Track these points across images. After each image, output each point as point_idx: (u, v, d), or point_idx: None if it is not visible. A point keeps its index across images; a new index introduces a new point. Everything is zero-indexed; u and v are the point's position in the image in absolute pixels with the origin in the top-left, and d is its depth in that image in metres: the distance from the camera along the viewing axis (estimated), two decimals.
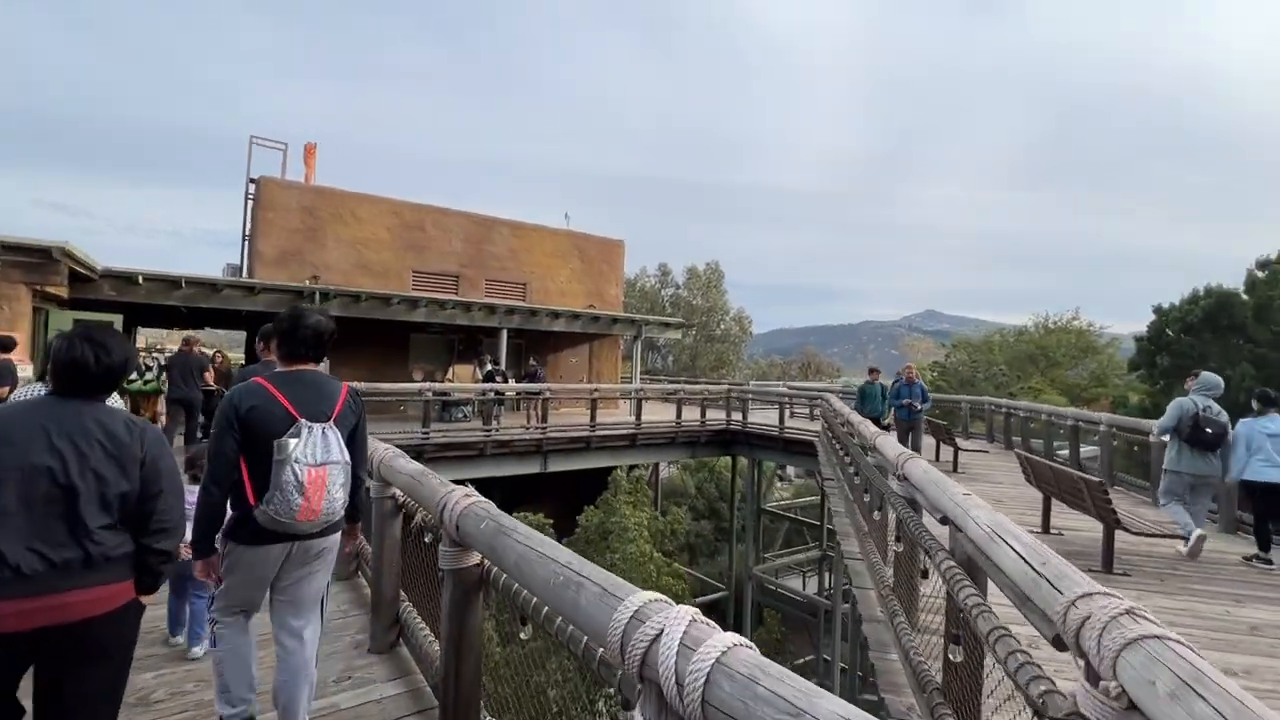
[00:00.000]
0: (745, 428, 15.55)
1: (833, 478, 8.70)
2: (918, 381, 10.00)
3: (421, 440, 11.41)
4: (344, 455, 2.35)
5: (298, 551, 2.33)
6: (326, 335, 2.50)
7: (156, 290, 11.88)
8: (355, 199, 16.52)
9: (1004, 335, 45.27)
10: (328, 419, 2.34)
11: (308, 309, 2.56)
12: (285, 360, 2.46)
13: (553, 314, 16.67)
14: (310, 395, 2.35)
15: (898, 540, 3.55)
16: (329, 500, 2.26)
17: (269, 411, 2.24)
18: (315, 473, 2.21)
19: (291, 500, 2.16)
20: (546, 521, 10.25)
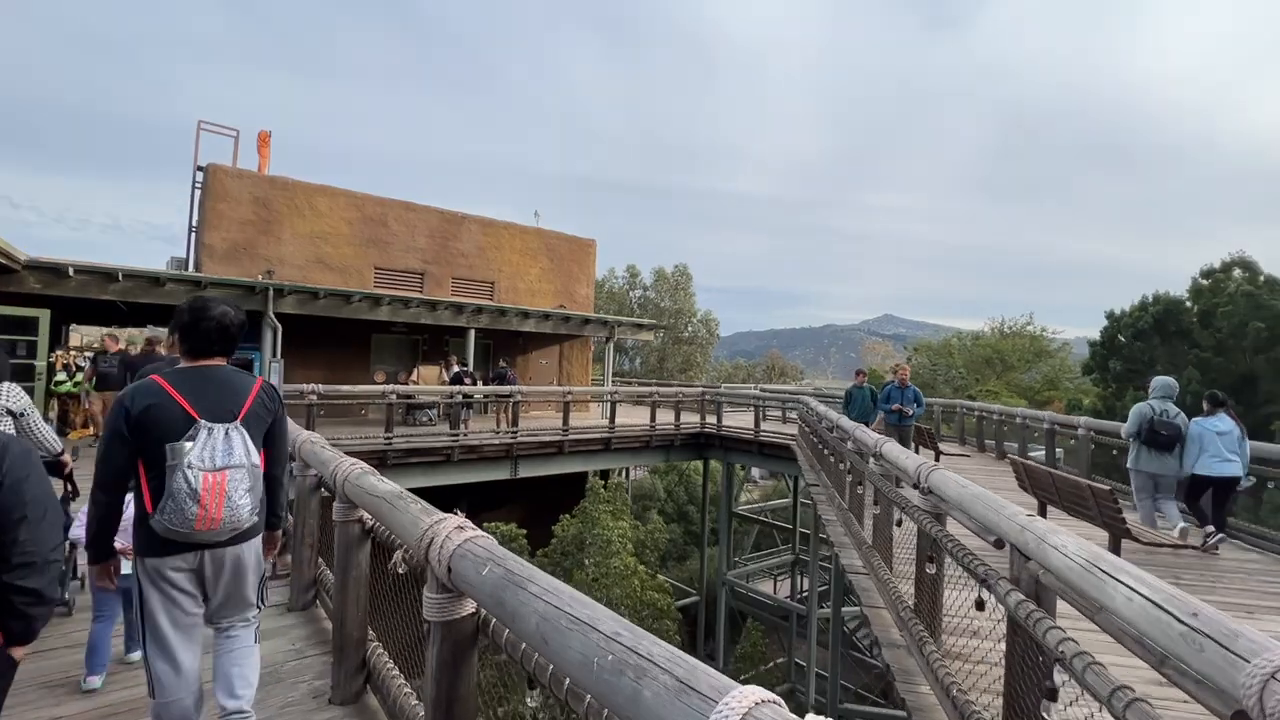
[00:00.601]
0: (720, 431, 15.30)
1: (818, 484, 8.47)
2: (910, 385, 9.34)
3: (384, 446, 10.75)
4: (250, 458, 2.16)
5: (211, 561, 2.15)
6: (235, 328, 2.30)
7: (90, 284, 10.90)
8: (313, 190, 15.66)
9: (961, 339, 46.61)
10: (234, 418, 2.17)
11: (212, 299, 2.33)
12: (188, 357, 2.25)
13: (522, 314, 16.11)
14: (214, 393, 2.18)
15: (930, 560, 3.24)
16: (231, 508, 2.08)
17: (166, 412, 2.07)
18: (213, 478, 2.05)
19: (186, 508, 2.00)
20: (520, 532, 9.73)
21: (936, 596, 3.40)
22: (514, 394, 12.43)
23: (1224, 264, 25.48)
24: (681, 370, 47.83)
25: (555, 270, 19.95)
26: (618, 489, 9.90)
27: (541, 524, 17.83)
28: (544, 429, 13.21)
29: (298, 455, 3.79)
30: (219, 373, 2.26)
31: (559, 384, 19.75)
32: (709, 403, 15.81)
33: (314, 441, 3.60)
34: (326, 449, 3.36)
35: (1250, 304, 22.95)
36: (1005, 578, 2.33)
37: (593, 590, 7.30)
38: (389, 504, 2.25)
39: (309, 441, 3.65)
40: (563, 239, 20.26)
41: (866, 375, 10.06)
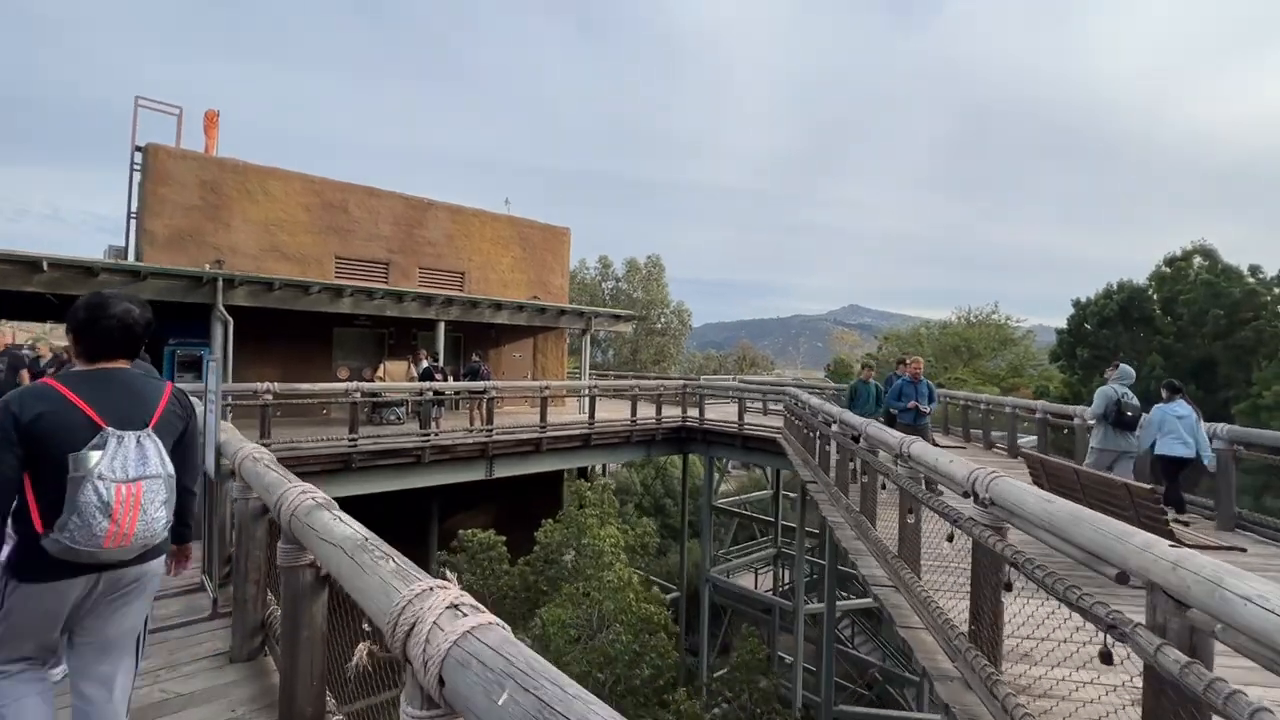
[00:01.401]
0: (703, 424, 14.85)
1: (815, 481, 8.05)
2: (924, 379, 8.05)
3: (349, 448, 9.97)
4: (166, 467, 2.00)
5: (105, 585, 1.95)
6: (139, 329, 2.09)
7: (9, 275, 9.79)
8: (266, 173, 14.57)
9: (929, 328, 47.35)
10: (145, 425, 2.00)
11: (113, 294, 2.09)
12: (85, 359, 2.04)
13: (495, 305, 15.35)
14: (120, 398, 1.99)
15: (1008, 588, 2.77)
16: (145, 521, 1.91)
17: (62, 418, 1.87)
18: (127, 490, 1.88)
19: (94, 524, 1.82)
20: (499, 539, 9.10)
21: (998, 618, 2.96)
22: (488, 390, 11.73)
23: (1185, 252, 26.06)
24: (655, 362, 47.54)
25: (528, 260, 19.17)
26: (604, 490, 9.34)
27: (517, 526, 17.15)
28: (520, 426, 12.55)
29: (238, 473, 3.14)
30: (124, 376, 2.06)
31: (533, 378, 19.04)
32: (690, 396, 15.33)
33: (256, 459, 2.95)
34: (272, 469, 2.72)
35: (1209, 292, 23.51)
36: (1142, 624, 1.85)
37: (584, 606, 6.78)
38: (349, 557, 1.65)
39: (251, 458, 2.99)
40: (536, 227, 19.48)
41: (874, 370, 8.95)
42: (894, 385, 8.26)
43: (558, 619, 6.34)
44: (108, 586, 1.96)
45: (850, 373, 49.58)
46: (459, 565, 8.87)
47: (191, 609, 3.86)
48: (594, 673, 6.11)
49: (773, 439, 13.08)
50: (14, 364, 6.19)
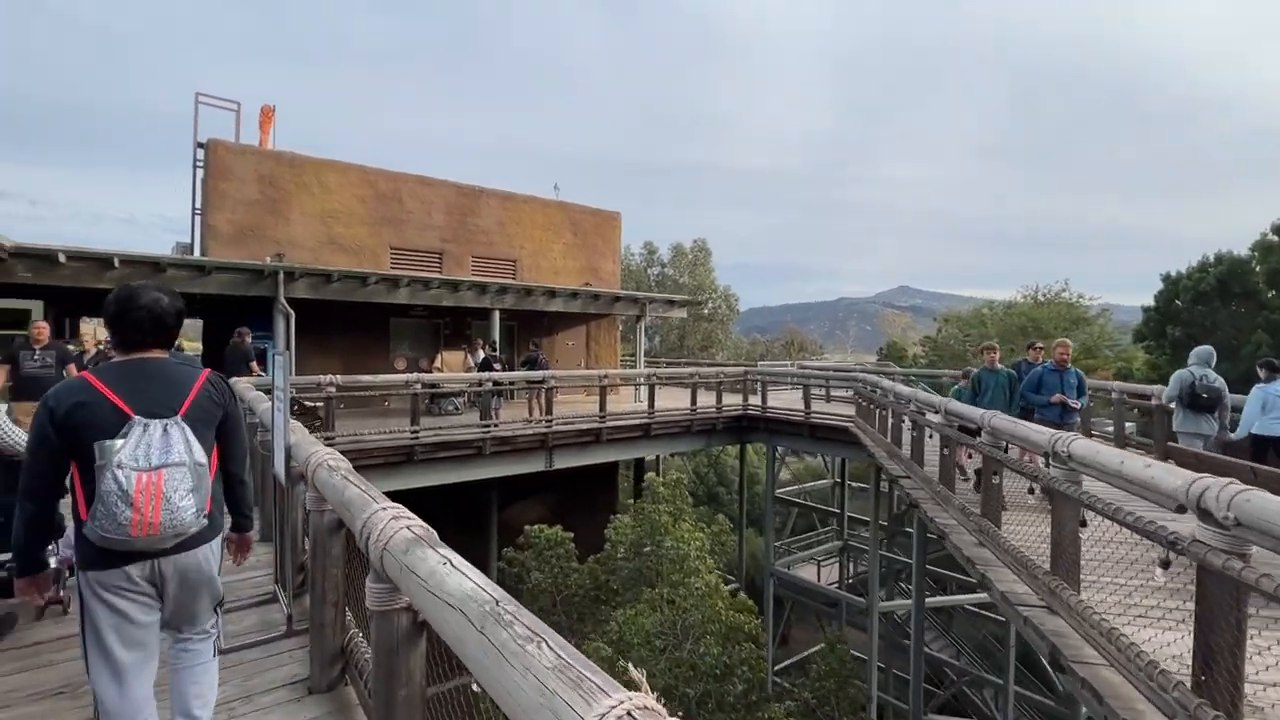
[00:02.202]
0: (765, 413, 14.20)
1: (909, 477, 7.36)
2: (1071, 367, 6.45)
3: (411, 440, 9.80)
4: (193, 455, 1.97)
5: (163, 568, 2.00)
6: (170, 318, 2.11)
7: (84, 272, 9.97)
8: (322, 166, 14.58)
9: (993, 309, 44.95)
10: (174, 413, 1.99)
11: (143, 285, 2.12)
12: (120, 349, 2.08)
13: (549, 293, 15.03)
14: (151, 387, 2.01)
15: None
16: (169, 510, 1.89)
17: (94, 410, 1.90)
18: (146, 478, 1.86)
19: (117, 513, 1.81)
20: (565, 535, 8.76)
21: (1239, 669, 2.33)
22: (547, 379, 11.40)
23: None
24: (702, 348, 46.87)
25: (579, 246, 18.78)
26: (677, 486, 8.88)
27: (574, 516, 16.95)
28: (579, 416, 12.20)
29: (311, 482, 2.78)
30: (156, 365, 2.07)
31: (586, 366, 18.73)
32: (752, 382, 14.68)
33: (332, 468, 2.56)
34: (352, 481, 2.32)
35: None
36: None
37: (668, 614, 6.36)
38: (477, 629, 1.19)
39: (325, 467, 2.61)
40: (587, 212, 19.06)
41: (999, 353, 7.06)
42: (1030, 374, 6.67)
43: (639, 627, 5.96)
44: (161, 576, 2.00)
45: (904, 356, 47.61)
46: (526, 562, 8.59)
47: (266, 624, 3.58)
48: (681, 688, 5.71)
49: (843, 428, 12.34)
50: (61, 357, 6.26)
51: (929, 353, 44.00)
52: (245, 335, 10.37)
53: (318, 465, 2.69)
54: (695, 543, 7.46)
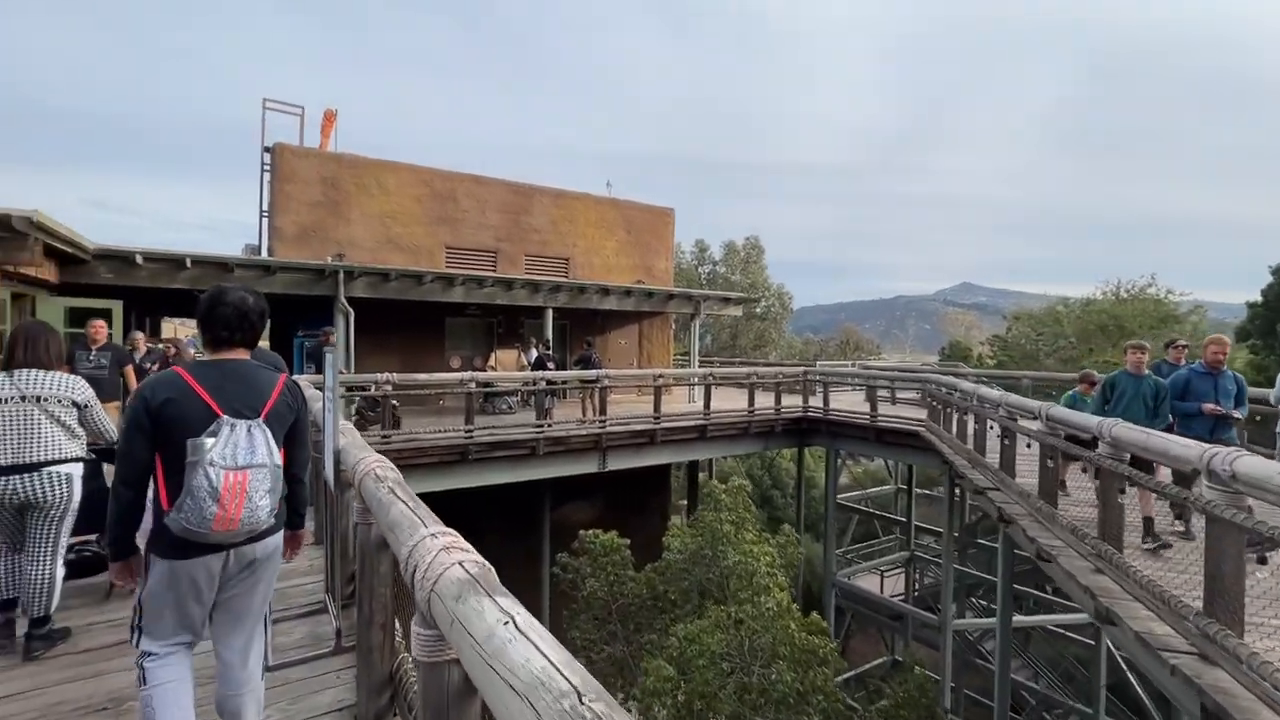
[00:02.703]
0: (826, 415, 13.53)
1: (998, 488, 6.69)
2: (1227, 369, 5.26)
3: (465, 439, 9.72)
4: (273, 458, 2.05)
5: (234, 562, 2.07)
6: (254, 315, 2.17)
7: (159, 272, 10.35)
8: (380, 167, 14.81)
9: (1069, 306, 42.14)
10: (257, 415, 2.06)
11: (232, 286, 2.21)
12: (209, 347, 2.15)
13: (602, 290, 14.79)
14: (237, 388, 2.07)
15: None
16: (249, 509, 1.98)
17: (186, 406, 1.98)
18: (234, 477, 1.95)
19: (205, 508, 1.90)
20: (621, 541, 8.46)
21: None
22: (601, 379, 11.14)
23: None
24: (755, 347, 45.97)
25: (632, 243, 18.50)
26: (739, 492, 8.43)
27: (624, 518, 16.66)
28: (633, 416, 11.90)
29: (358, 491, 2.53)
30: (241, 367, 2.16)
31: (639, 365, 18.44)
32: (813, 383, 14.03)
33: (379, 478, 2.29)
34: (399, 497, 2.03)
35: None
36: None
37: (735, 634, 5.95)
38: None
39: (372, 476, 2.34)
40: (639, 209, 18.76)
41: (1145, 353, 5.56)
42: (1173, 377, 5.40)
43: (705, 647, 5.58)
44: (238, 564, 2.08)
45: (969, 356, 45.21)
46: (581, 569, 8.33)
47: (314, 638, 3.38)
48: (750, 716, 5.30)
49: (913, 432, 11.59)
50: (118, 359, 6.19)
51: (998, 353, 41.63)
52: (330, 335, 10.56)
53: (364, 474, 2.43)
54: (765, 558, 6.98)
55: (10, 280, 8.14)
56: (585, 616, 7.95)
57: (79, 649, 3.21)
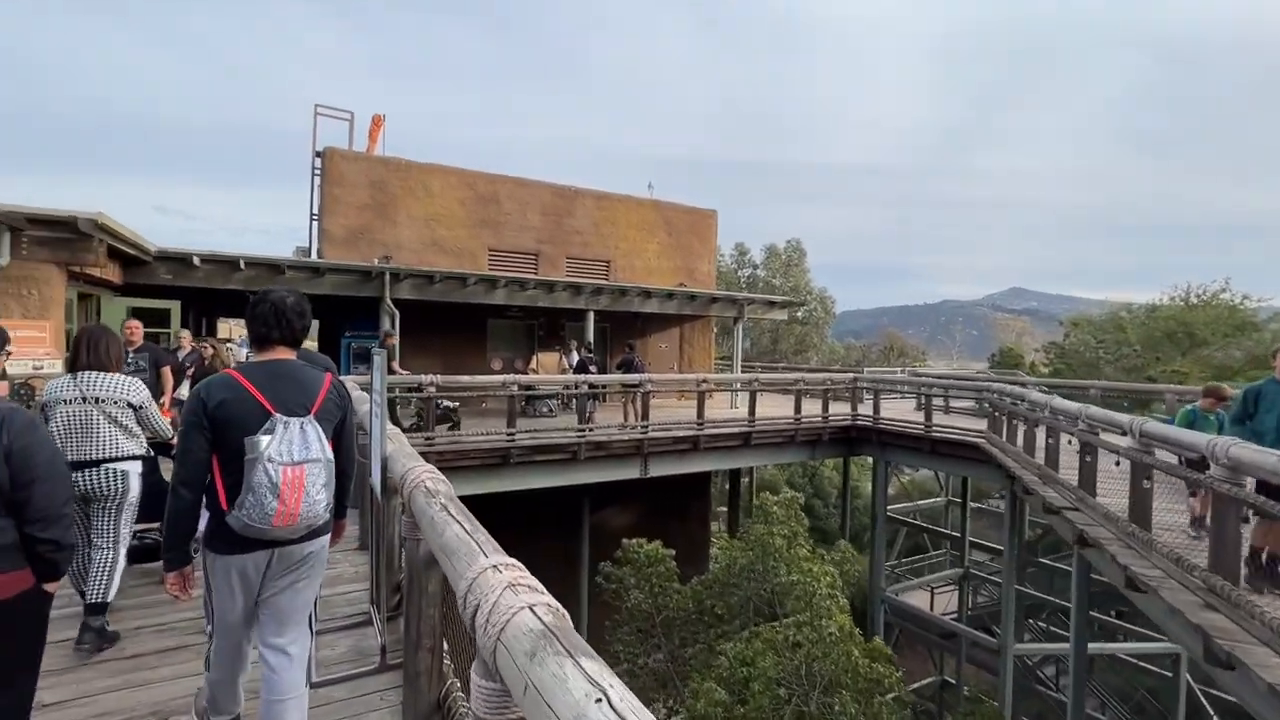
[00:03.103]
0: (876, 424, 12.99)
1: (1077, 508, 6.17)
2: None
3: (507, 442, 9.62)
4: (325, 452, 2.12)
5: (279, 560, 2.14)
6: (292, 313, 2.23)
7: (215, 273, 10.61)
8: (426, 170, 14.95)
9: (1132, 312, 39.95)
10: (307, 413, 2.13)
11: (274, 288, 2.30)
12: (255, 347, 2.25)
13: (644, 293, 14.58)
14: (287, 386, 2.14)
15: None
16: (308, 503, 2.05)
17: (241, 405, 2.04)
18: (292, 472, 2.01)
19: (266, 503, 1.97)
20: (666, 552, 8.19)
21: None
22: (644, 383, 10.91)
23: None
24: (795, 352, 45.14)
25: (674, 246, 18.25)
26: (791, 505, 8.05)
27: (664, 524, 16.40)
28: (676, 422, 11.64)
29: (406, 505, 2.35)
30: (289, 367, 2.22)
31: (679, 369, 18.16)
32: (862, 390, 13.50)
33: (431, 492, 2.10)
34: (453, 516, 1.83)
35: None
36: None
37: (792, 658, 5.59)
38: None
39: (423, 490, 2.16)
40: (681, 211, 18.50)
41: None
42: None
43: (760, 670, 5.26)
44: (282, 562, 2.13)
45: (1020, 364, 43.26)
46: (625, 579, 8.09)
47: (359, 653, 3.24)
48: None
49: (972, 444, 10.99)
50: (155, 360, 6.01)
51: (1054, 360, 39.77)
52: (390, 337, 10.62)
53: (414, 486, 2.25)
54: (825, 578, 6.57)
55: (77, 281, 8.42)
56: (628, 628, 7.70)
57: (125, 654, 3.15)
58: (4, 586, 1.76)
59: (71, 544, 1.94)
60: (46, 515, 1.82)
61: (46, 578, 1.88)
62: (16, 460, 1.78)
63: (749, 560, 7.15)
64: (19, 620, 1.83)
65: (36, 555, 1.83)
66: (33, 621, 1.90)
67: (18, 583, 1.79)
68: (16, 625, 1.83)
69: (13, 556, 1.79)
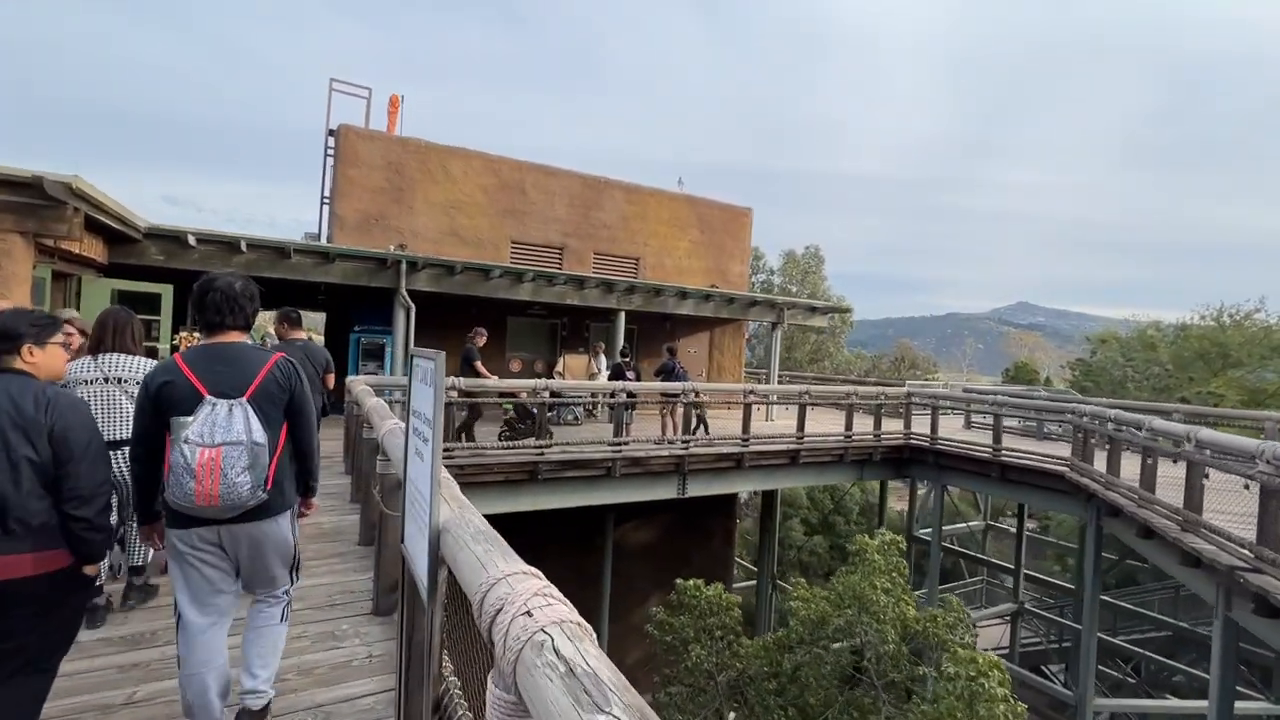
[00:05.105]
0: (933, 444, 11.78)
1: (1253, 567, 4.97)
2: None
3: (536, 456, 8.46)
4: (251, 435, 2.12)
5: (227, 537, 2.20)
6: (243, 299, 2.31)
7: (212, 255, 9.49)
8: (447, 153, 13.84)
9: (1160, 330, 38.72)
10: (240, 394, 2.17)
11: (220, 272, 2.31)
12: (204, 332, 2.30)
13: (680, 294, 13.43)
14: (224, 369, 2.20)
15: None
16: (226, 484, 2.06)
17: (178, 389, 2.14)
18: (208, 454, 2.06)
19: (184, 483, 2.04)
20: (733, 599, 6.98)
21: None
22: (686, 393, 9.75)
23: None
24: (811, 361, 44.03)
25: (707, 244, 17.10)
26: (892, 549, 6.83)
27: (687, 540, 15.21)
28: (718, 438, 10.47)
29: (504, 669, 1.18)
30: (232, 349, 2.26)
31: (708, 377, 17.00)
32: (918, 406, 12.31)
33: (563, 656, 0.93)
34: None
35: None
36: None
37: None
38: None
39: (538, 647, 0.99)
40: (715, 207, 17.35)
41: None
42: None
43: None
44: (231, 538, 2.20)
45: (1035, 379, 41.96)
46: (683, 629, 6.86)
47: None
48: None
49: (1055, 472, 9.80)
50: None
51: (1079, 378, 38.46)
52: (480, 336, 9.12)
53: (520, 638, 1.07)
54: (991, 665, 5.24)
55: (49, 257, 7.28)
56: (683, 685, 6.50)
57: None
58: (40, 564, 1.85)
59: (105, 525, 2.01)
60: (81, 494, 1.92)
61: (85, 559, 1.96)
62: (58, 439, 1.90)
63: (847, 620, 5.93)
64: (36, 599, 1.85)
65: (72, 534, 1.92)
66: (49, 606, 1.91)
67: (53, 561, 1.88)
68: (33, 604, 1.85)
69: (50, 535, 1.88)
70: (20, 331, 2.06)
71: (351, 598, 3.60)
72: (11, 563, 1.80)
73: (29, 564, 1.82)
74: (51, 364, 2.15)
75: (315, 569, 4.03)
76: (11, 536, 1.81)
